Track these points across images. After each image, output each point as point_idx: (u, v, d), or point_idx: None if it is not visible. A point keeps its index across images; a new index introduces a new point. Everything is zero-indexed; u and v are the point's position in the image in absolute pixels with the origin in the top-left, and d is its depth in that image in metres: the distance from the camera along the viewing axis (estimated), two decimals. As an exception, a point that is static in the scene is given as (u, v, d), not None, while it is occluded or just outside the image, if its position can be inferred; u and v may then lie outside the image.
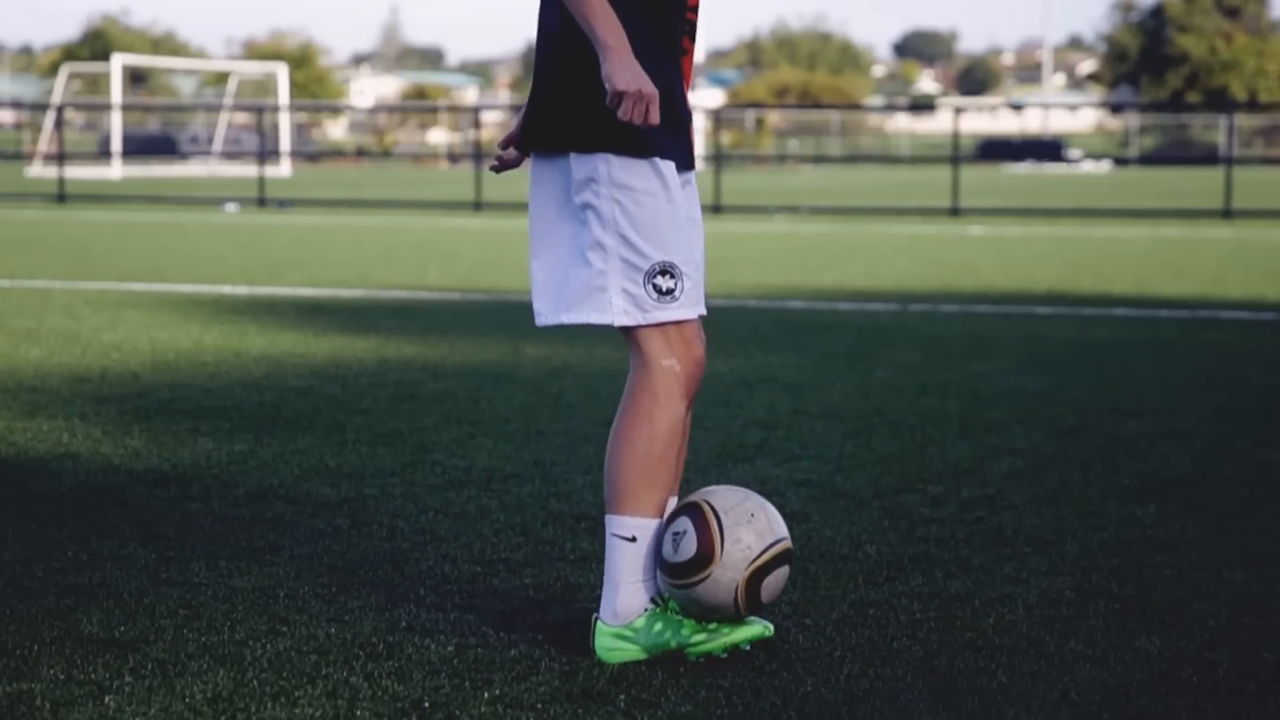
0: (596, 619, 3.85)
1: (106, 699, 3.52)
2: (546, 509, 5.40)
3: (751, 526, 3.79)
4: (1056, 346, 9.89)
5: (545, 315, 3.86)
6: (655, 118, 3.63)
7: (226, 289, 13.29)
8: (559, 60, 3.78)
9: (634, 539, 3.81)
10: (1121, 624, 4.14)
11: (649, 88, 3.61)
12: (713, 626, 3.80)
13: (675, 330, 3.79)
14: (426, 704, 3.52)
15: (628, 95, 3.60)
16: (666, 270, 3.75)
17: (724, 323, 10.67)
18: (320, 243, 19.69)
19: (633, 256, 3.74)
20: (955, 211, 27.08)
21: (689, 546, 3.76)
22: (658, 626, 3.80)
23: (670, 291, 3.76)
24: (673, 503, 3.90)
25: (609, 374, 8.54)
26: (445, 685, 3.64)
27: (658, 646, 3.80)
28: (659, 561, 3.82)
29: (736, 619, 3.81)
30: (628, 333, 3.80)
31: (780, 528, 3.84)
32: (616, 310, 3.76)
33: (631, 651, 3.80)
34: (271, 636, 3.97)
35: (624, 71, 3.61)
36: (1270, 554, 4.89)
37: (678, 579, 3.78)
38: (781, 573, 3.82)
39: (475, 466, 6.08)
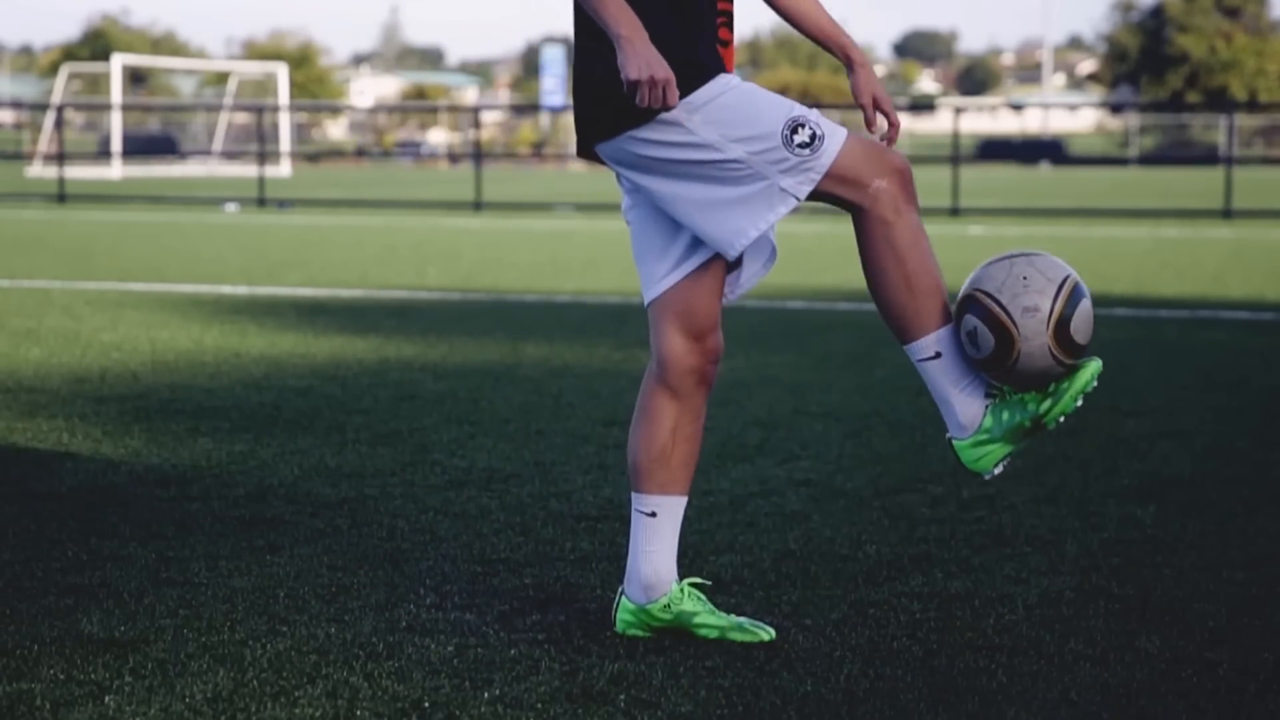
0: (950, 439, 3.87)
1: (106, 699, 3.52)
2: (546, 509, 5.40)
3: (1030, 289, 3.77)
4: (1056, 346, 9.88)
5: (740, 242, 3.81)
6: (673, 99, 3.66)
7: (226, 289, 13.29)
8: (590, 56, 3.80)
9: (938, 354, 3.82)
10: (1121, 624, 4.14)
11: (661, 72, 3.64)
12: (1052, 388, 3.80)
13: (846, 160, 3.76)
14: (426, 704, 3.52)
15: (641, 84, 3.63)
16: (795, 125, 3.76)
17: (724, 323, 10.65)
18: (320, 243, 19.69)
19: (763, 145, 3.75)
20: (955, 211, 27.08)
21: (986, 340, 3.78)
22: (1005, 415, 3.81)
23: (814, 136, 3.75)
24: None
25: (609, 374, 8.54)
26: (445, 685, 3.64)
27: (1015, 430, 3.81)
28: (967, 359, 3.83)
29: (1070, 370, 3.81)
30: (824, 198, 3.80)
31: (1057, 271, 3.81)
32: (793, 189, 3.76)
33: (996, 449, 3.83)
34: (271, 636, 3.97)
35: (634, 60, 3.64)
36: (1270, 554, 4.89)
37: (994, 370, 3.80)
38: (1083, 308, 3.80)
39: (475, 466, 6.08)
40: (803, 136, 3.75)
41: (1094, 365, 3.82)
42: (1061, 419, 3.81)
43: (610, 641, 3.96)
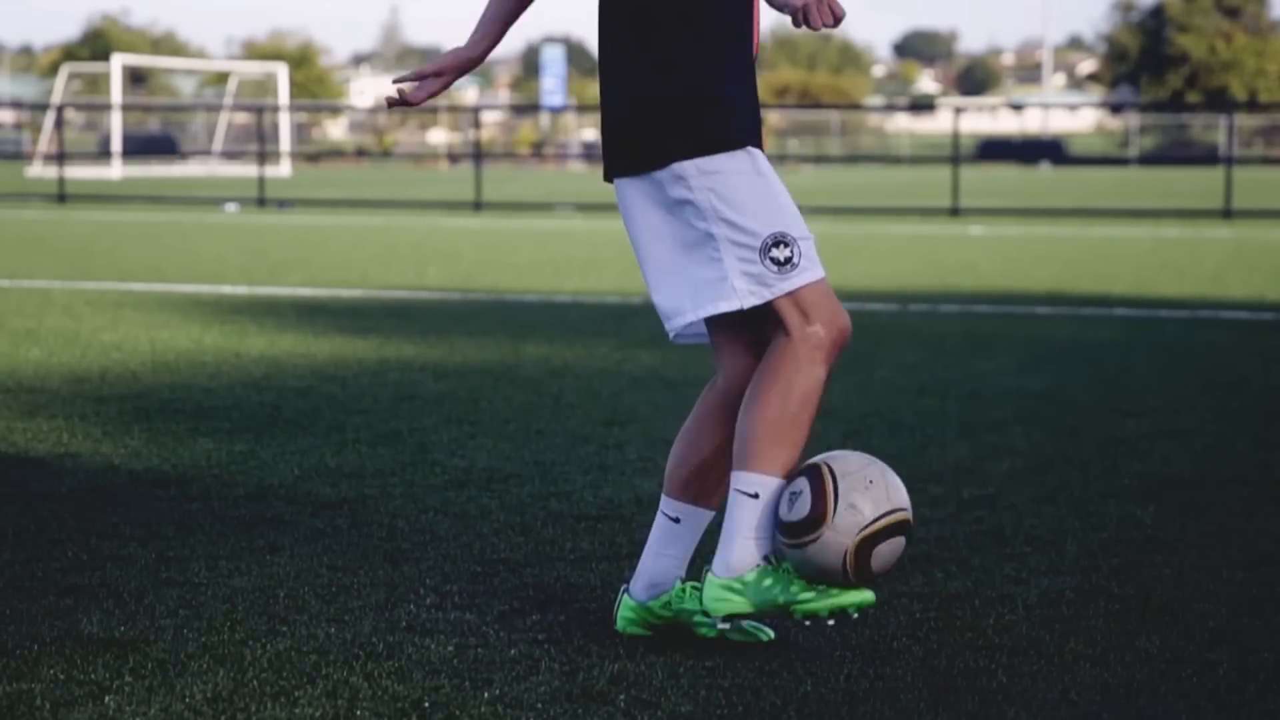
0: (708, 570, 3.86)
1: (106, 699, 3.52)
2: (546, 509, 5.40)
3: (868, 494, 3.78)
4: (1056, 346, 9.89)
5: (676, 321, 3.86)
6: (841, 11, 3.69)
7: (226, 289, 13.29)
8: (632, 82, 3.81)
9: (756, 495, 3.82)
10: (1121, 624, 4.14)
11: None
12: (821, 587, 3.78)
13: (808, 294, 3.78)
14: (426, 704, 3.52)
15: (809, 6, 3.67)
16: (780, 241, 3.77)
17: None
18: (320, 243, 19.69)
19: (742, 237, 3.76)
20: (955, 211, 27.08)
21: (803, 507, 3.77)
22: (767, 582, 3.80)
23: (789, 260, 3.76)
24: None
25: (609, 374, 8.54)
26: (445, 685, 3.64)
27: (765, 602, 3.80)
28: (775, 519, 3.82)
29: (846, 584, 3.79)
30: (766, 310, 3.80)
31: (900, 498, 3.81)
32: (741, 294, 3.77)
33: (738, 603, 3.81)
34: (271, 636, 3.97)
35: None
36: (1270, 554, 4.89)
37: (790, 538, 3.78)
38: (895, 544, 3.80)
39: (475, 466, 6.08)
40: (780, 254, 3.76)
41: (866, 595, 3.80)
42: (808, 621, 3.81)
43: (610, 641, 3.97)
